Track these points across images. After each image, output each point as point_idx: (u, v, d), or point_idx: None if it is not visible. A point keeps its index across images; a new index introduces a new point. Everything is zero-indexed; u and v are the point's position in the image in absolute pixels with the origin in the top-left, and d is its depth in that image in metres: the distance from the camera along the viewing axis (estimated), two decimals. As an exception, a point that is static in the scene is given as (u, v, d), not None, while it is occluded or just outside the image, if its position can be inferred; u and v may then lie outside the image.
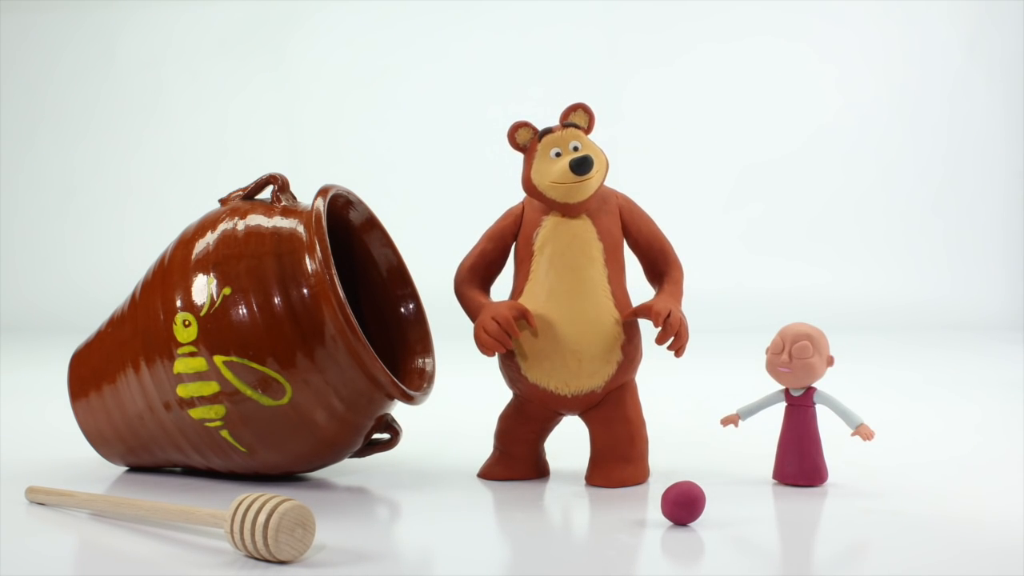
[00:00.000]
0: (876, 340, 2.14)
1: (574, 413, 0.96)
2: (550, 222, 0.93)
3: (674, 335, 0.91)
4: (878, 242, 2.75)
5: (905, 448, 1.12)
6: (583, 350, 0.92)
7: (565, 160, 0.90)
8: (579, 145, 0.92)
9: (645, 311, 0.92)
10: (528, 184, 0.93)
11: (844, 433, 0.95)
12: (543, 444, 0.98)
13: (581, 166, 0.89)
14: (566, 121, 0.93)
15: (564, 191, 0.91)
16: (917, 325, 2.48)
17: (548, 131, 0.92)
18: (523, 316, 0.91)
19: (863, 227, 2.77)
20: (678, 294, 0.95)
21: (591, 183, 0.91)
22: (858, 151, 2.81)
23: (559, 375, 0.92)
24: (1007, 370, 1.79)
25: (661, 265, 0.96)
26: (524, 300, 0.93)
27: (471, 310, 0.94)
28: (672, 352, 0.92)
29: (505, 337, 0.90)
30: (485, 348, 0.91)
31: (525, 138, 0.93)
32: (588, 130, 0.94)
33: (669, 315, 0.90)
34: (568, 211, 0.92)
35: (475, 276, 0.95)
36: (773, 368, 0.93)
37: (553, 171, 0.91)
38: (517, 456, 0.97)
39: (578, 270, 0.92)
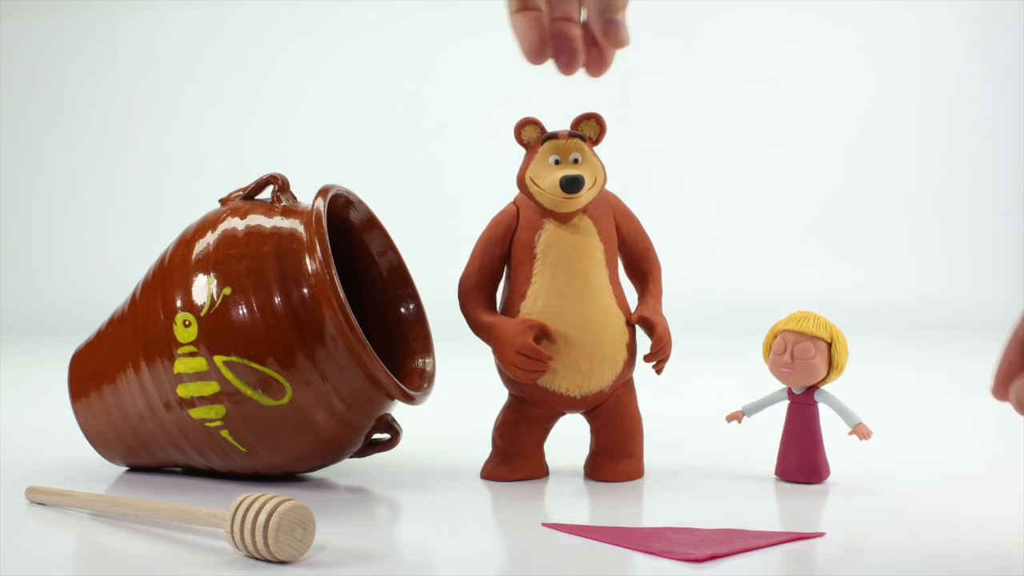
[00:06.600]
0: (876, 340, 2.14)
1: (578, 412, 0.96)
2: (552, 224, 0.92)
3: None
4: (878, 242, 2.75)
5: (906, 447, 1.12)
6: (594, 352, 0.92)
7: (558, 174, 0.90)
8: (580, 158, 0.91)
9: (647, 326, 0.93)
10: (522, 183, 0.92)
11: (846, 431, 0.95)
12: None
13: (571, 185, 0.89)
14: (573, 131, 0.92)
15: (553, 202, 0.91)
16: (916, 324, 2.48)
17: (553, 136, 0.92)
18: (541, 333, 0.91)
19: (863, 227, 2.77)
20: (661, 297, 0.96)
21: (580, 200, 0.91)
22: (858, 151, 2.81)
23: (571, 378, 0.92)
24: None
25: (643, 264, 0.97)
26: (529, 303, 0.92)
27: (481, 331, 0.93)
28: (654, 368, 0.94)
29: (541, 364, 0.90)
30: (528, 381, 0.91)
31: (531, 136, 0.93)
32: (597, 141, 0.93)
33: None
34: (567, 217, 0.92)
35: (480, 292, 0.95)
36: (776, 369, 0.94)
37: (546, 182, 0.91)
38: (527, 455, 0.97)
39: (584, 272, 0.92)
